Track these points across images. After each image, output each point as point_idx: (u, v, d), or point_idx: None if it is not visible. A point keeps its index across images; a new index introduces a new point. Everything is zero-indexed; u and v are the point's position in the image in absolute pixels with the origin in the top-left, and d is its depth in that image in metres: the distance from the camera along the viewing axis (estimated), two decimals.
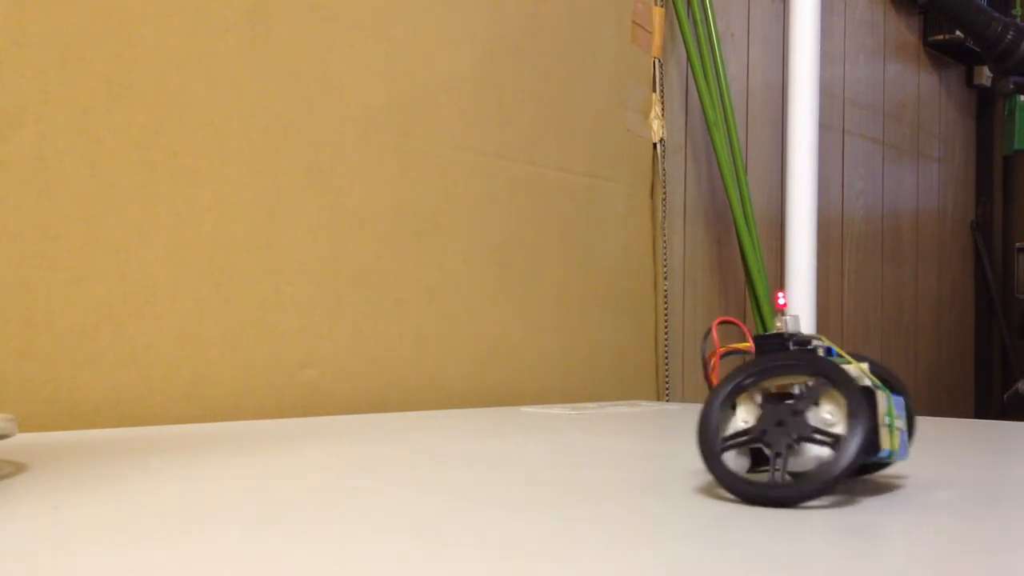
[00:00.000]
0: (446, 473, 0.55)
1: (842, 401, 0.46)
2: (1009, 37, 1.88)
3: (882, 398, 0.46)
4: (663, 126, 1.38)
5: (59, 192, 0.77)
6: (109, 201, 0.80)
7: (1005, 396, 2.30)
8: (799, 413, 0.46)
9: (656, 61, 1.38)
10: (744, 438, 0.47)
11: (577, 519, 0.42)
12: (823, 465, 0.45)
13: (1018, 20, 2.05)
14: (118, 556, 0.34)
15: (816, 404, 0.46)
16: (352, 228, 0.99)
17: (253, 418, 0.89)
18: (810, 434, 0.46)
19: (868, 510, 0.45)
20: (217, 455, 0.61)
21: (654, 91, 1.38)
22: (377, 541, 0.37)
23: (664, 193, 1.38)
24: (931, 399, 2.19)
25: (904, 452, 0.49)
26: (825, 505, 0.45)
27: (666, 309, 1.38)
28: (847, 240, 1.88)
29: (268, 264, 0.91)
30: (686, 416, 0.98)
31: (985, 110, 2.38)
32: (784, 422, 0.46)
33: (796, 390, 0.47)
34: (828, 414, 0.46)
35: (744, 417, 0.48)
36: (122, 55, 0.81)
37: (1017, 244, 2.42)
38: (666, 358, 1.38)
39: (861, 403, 0.45)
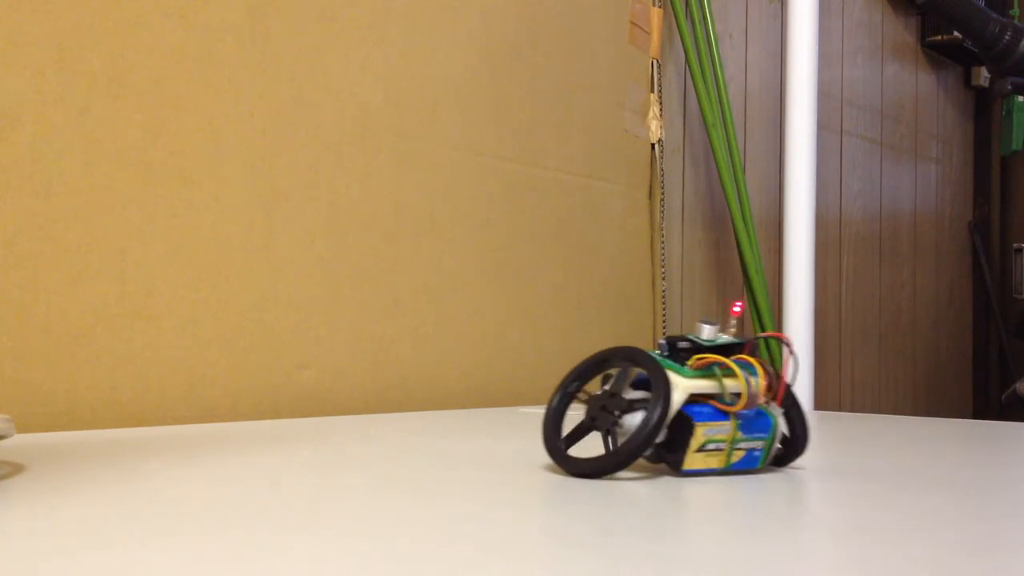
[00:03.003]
0: (444, 474, 0.55)
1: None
2: (1007, 38, 1.88)
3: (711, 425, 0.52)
4: (661, 127, 1.38)
5: (56, 193, 0.77)
6: (107, 202, 0.80)
7: (1003, 396, 2.30)
8: (615, 394, 0.53)
9: (654, 62, 1.38)
10: (581, 430, 0.54)
11: (574, 519, 0.42)
12: (630, 437, 0.50)
13: (1015, 20, 2.05)
14: (116, 557, 0.34)
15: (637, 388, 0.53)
16: (350, 229, 0.99)
17: (250, 419, 0.89)
18: (627, 407, 0.52)
19: (860, 511, 0.45)
20: (215, 456, 0.61)
21: (652, 92, 1.38)
22: (375, 542, 0.37)
23: (662, 194, 1.38)
24: (929, 399, 2.20)
25: (749, 465, 0.54)
26: (812, 504, 0.45)
27: (664, 310, 1.39)
28: (845, 241, 1.88)
29: (266, 265, 0.91)
30: None
31: (983, 111, 2.39)
32: (606, 405, 0.53)
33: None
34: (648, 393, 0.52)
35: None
36: (120, 55, 0.81)
37: (1015, 244, 2.42)
38: None
39: (661, 378, 0.51)
